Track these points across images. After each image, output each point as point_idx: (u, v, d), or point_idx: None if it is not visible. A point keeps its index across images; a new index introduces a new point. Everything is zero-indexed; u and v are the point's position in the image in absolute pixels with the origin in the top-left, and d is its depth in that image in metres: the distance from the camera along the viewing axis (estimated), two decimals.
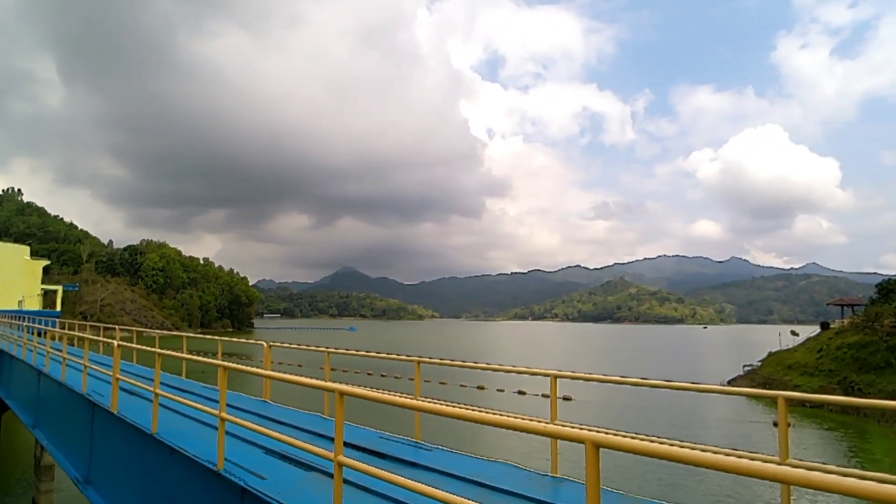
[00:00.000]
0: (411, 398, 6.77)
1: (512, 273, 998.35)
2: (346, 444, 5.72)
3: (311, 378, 5.31)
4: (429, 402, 7.32)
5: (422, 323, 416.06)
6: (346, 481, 4.82)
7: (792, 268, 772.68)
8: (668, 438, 5.26)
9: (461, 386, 43.68)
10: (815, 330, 58.16)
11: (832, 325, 55.82)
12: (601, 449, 2.80)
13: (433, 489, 3.71)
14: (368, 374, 48.28)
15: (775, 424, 30.97)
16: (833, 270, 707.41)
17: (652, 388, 6.18)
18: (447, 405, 6.19)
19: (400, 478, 3.96)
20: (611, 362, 78.31)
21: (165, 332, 51.74)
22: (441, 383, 44.88)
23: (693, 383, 6.21)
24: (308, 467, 6.25)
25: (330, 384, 5.79)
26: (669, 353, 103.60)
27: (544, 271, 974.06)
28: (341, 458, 4.37)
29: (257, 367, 6.97)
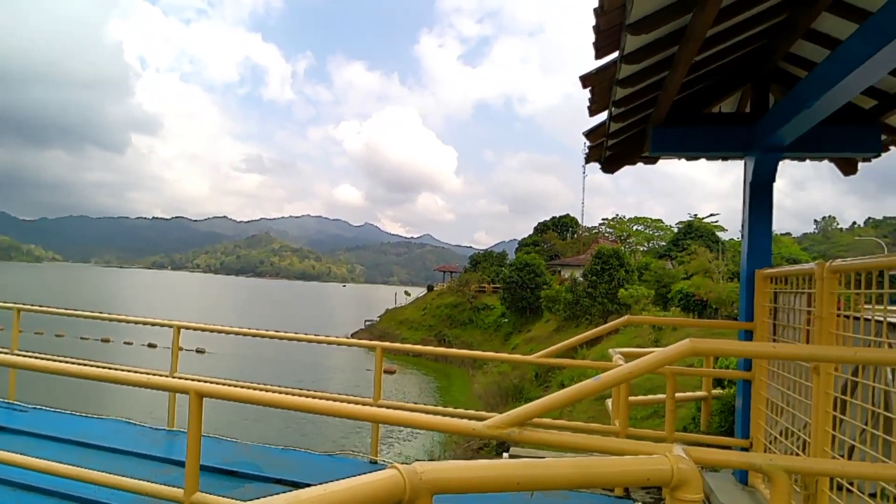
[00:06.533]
0: (6, 353, 5.70)
1: (153, 218, 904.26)
2: None
3: None
4: (27, 356, 6.14)
5: (39, 266, 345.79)
6: None
7: (412, 237, 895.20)
8: (287, 387, 5.59)
9: (82, 339, 38.97)
10: (423, 291, 68.73)
11: (436, 288, 66.65)
12: (207, 399, 2.88)
13: (19, 456, 3.35)
14: None
15: (385, 372, 35.68)
16: (442, 242, 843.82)
17: (286, 341, 6.46)
18: (50, 360, 5.34)
19: None
20: (255, 315, 78.57)
21: None
22: (57, 336, 38.15)
23: (318, 335, 6.69)
24: None
25: None
26: (310, 308, 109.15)
27: (189, 219, 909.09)
28: None
29: None
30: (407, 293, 71.55)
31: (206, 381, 4.38)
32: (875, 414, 2.90)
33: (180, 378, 5.68)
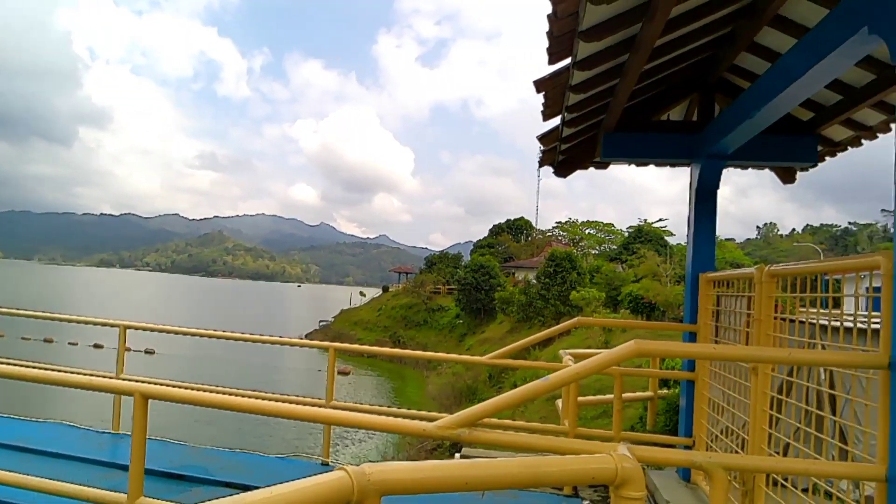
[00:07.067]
0: None
1: (102, 214, 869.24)
2: None
3: None
4: None
5: None
6: None
7: (368, 237, 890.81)
8: (240, 388, 5.44)
9: (24, 339, 37.29)
10: (378, 292, 68.38)
11: (391, 289, 66.39)
12: (153, 400, 2.81)
13: None
14: None
15: (339, 373, 35.27)
16: (398, 243, 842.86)
17: (238, 342, 6.23)
18: None
19: None
20: (207, 315, 76.98)
21: None
22: None
23: (271, 336, 6.52)
24: None
25: None
26: (263, 308, 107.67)
27: (139, 216, 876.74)
28: None
29: None
30: (362, 294, 71.04)
31: (152, 383, 4.24)
32: (808, 413, 3.04)
33: (126, 379, 5.48)
